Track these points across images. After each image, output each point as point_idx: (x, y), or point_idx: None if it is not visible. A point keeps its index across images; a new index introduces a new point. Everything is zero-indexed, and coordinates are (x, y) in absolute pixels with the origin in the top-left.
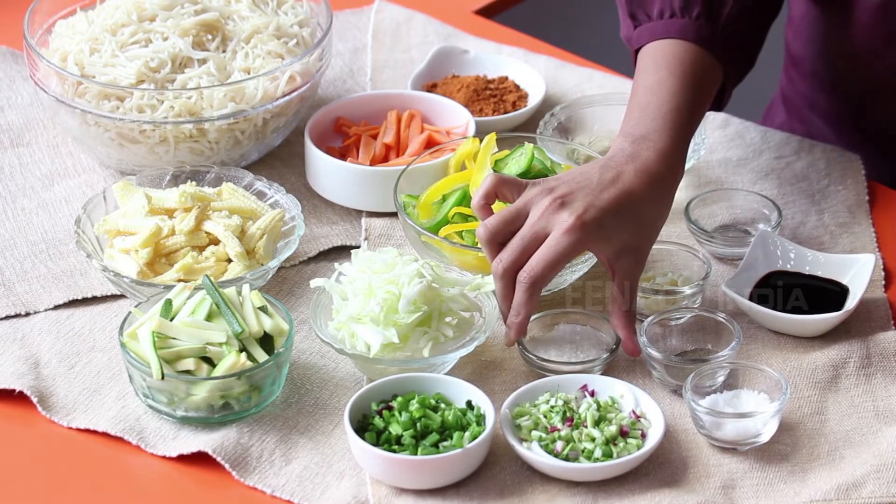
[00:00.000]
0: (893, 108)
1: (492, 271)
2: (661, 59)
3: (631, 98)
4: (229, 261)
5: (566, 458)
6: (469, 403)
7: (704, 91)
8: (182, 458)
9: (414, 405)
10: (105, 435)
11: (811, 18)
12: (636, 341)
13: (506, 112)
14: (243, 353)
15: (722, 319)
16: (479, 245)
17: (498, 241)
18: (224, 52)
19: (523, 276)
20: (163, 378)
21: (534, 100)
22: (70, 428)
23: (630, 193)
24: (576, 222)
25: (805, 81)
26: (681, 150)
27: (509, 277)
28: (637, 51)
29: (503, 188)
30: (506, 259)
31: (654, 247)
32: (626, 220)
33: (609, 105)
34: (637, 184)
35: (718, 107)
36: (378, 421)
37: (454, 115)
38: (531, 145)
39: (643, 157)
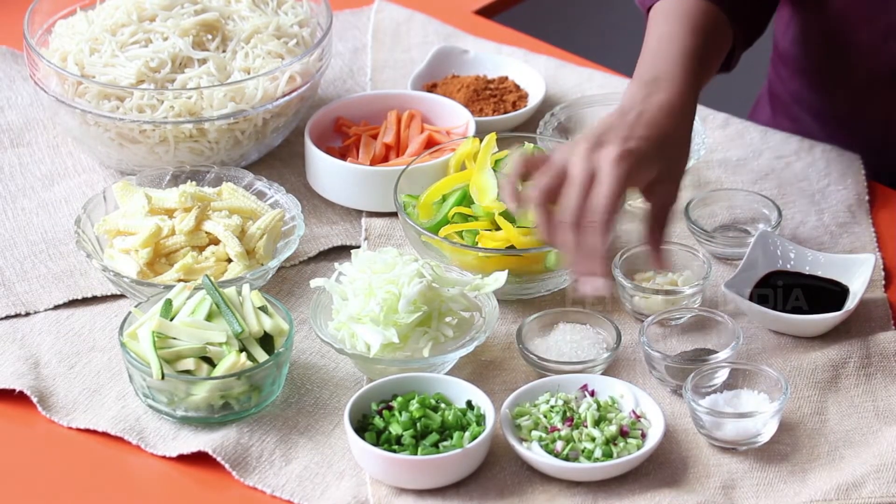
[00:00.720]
0: (889, 105)
1: (561, 227)
2: (671, 13)
3: (643, 49)
4: (229, 261)
5: (566, 458)
6: (469, 403)
7: (715, 45)
8: (182, 458)
9: (414, 405)
10: (105, 435)
11: (801, 16)
12: (666, 256)
13: (506, 112)
14: (243, 353)
15: (722, 319)
16: (478, 245)
17: (550, 201)
18: (224, 52)
19: (595, 215)
20: (163, 378)
21: (534, 100)
22: (70, 428)
23: (657, 125)
24: (622, 151)
25: (794, 78)
26: (693, 92)
27: (580, 225)
28: (648, 10)
29: (533, 164)
30: (572, 207)
31: None
32: (660, 148)
33: (609, 105)
34: (660, 116)
35: (727, 68)
36: (378, 421)
37: (454, 115)
38: (531, 145)
39: (657, 96)
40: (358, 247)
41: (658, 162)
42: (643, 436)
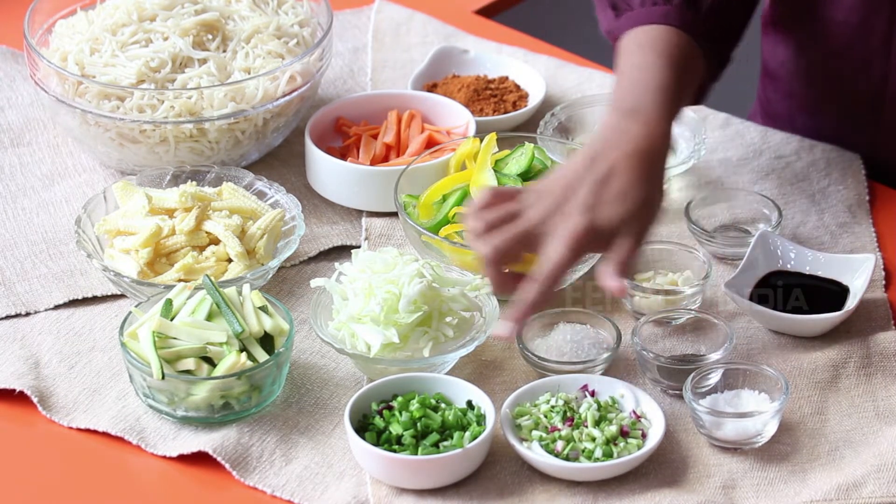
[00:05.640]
0: (887, 123)
1: (486, 259)
2: (645, 42)
3: (618, 76)
4: (229, 261)
5: (566, 458)
6: (469, 403)
7: (689, 73)
8: (182, 458)
9: (414, 405)
10: (105, 435)
11: (791, 38)
12: (622, 284)
13: (506, 112)
14: (243, 353)
15: (716, 321)
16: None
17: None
18: (224, 51)
19: (540, 282)
20: (163, 378)
21: (534, 100)
22: (70, 428)
23: (627, 181)
24: (581, 230)
25: (784, 99)
26: (669, 127)
27: (497, 264)
28: (616, 40)
29: (499, 200)
30: (499, 246)
31: (655, 247)
32: (624, 210)
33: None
34: (630, 174)
35: (698, 100)
36: (378, 421)
37: (454, 115)
38: (531, 145)
39: (632, 135)
40: (358, 247)
41: (617, 223)
42: (643, 436)
